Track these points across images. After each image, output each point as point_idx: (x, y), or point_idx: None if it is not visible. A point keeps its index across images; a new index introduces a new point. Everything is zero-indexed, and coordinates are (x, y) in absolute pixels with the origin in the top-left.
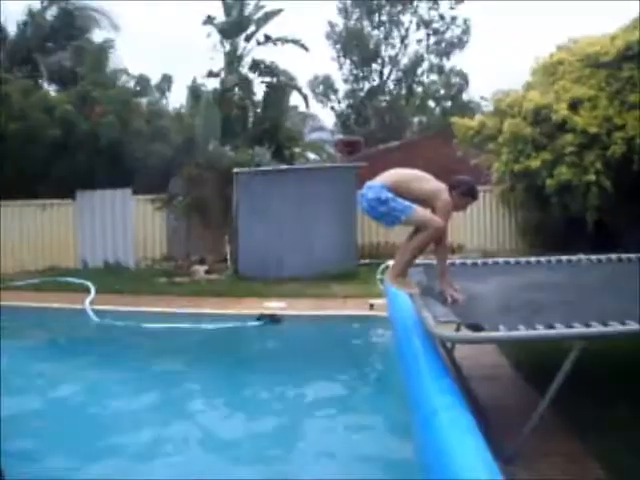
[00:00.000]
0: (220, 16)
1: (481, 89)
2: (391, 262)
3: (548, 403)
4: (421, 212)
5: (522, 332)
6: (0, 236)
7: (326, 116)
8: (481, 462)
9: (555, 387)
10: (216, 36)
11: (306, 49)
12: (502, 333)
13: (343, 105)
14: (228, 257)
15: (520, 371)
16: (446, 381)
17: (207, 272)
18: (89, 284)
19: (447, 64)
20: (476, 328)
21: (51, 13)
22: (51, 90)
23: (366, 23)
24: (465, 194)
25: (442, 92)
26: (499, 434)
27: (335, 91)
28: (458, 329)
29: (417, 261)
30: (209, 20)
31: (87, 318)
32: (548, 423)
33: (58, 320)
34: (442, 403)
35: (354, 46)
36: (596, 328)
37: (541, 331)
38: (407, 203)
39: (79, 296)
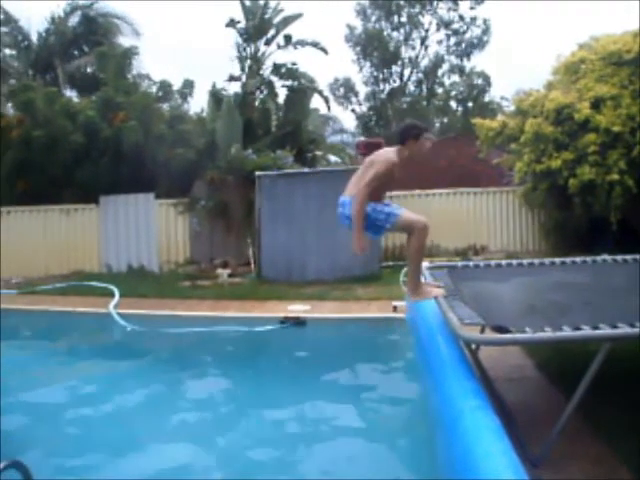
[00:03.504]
0: (241, 20)
1: (502, 89)
2: None
3: (575, 406)
4: (403, 216)
5: (548, 334)
6: (26, 241)
7: (347, 118)
8: (508, 465)
9: (582, 389)
10: (237, 40)
11: (326, 52)
12: (528, 335)
13: (364, 107)
14: (251, 260)
15: (545, 372)
16: (472, 383)
17: (230, 275)
18: (113, 288)
19: (467, 65)
20: (502, 330)
21: (74, 20)
22: (73, 96)
23: (385, 25)
24: (417, 136)
25: (463, 93)
26: (525, 436)
27: (356, 93)
28: (482, 331)
29: (441, 263)
30: (231, 23)
31: (112, 321)
32: (575, 425)
33: (83, 323)
34: (468, 405)
35: (374, 48)
36: (623, 329)
37: (568, 333)
38: (388, 210)
39: (104, 300)
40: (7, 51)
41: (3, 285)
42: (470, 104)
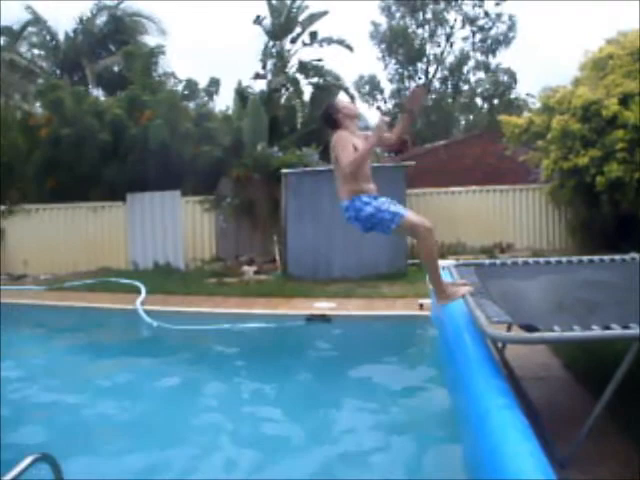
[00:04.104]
0: (267, 18)
1: (528, 86)
2: (441, 262)
3: (603, 405)
4: (409, 218)
5: (577, 333)
6: (54, 238)
7: (372, 116)
8: (536, 465)
9: (611, 389)
10: (263, 38)
11: (351, 49)
12: (557, 334)
13: (389, 104)
14: (277, 257)
15: (572, 372)
16: (499, 381)
17: (256, 273)
18: (140, 285)
19: (493, 61)
20: (530, 329)
21: (101, 20)
22: (100, 95)
23: (410, 22)
24: (343, 116)
25: (489, 90)
26: (552, 436)
27: (381, 91)
28: (509, 329)
29: (468, 261)
30: (258, 20)
31: (138, 318)
32: (603, 426)
33: (110, 320)
34: (495, 403)
35: (399, 45)
36: None
37: (597, 332)
38: (393, 209)
39: (130, 297)
40: (35, 51)
41: (32, 281)
42: (496, 101)
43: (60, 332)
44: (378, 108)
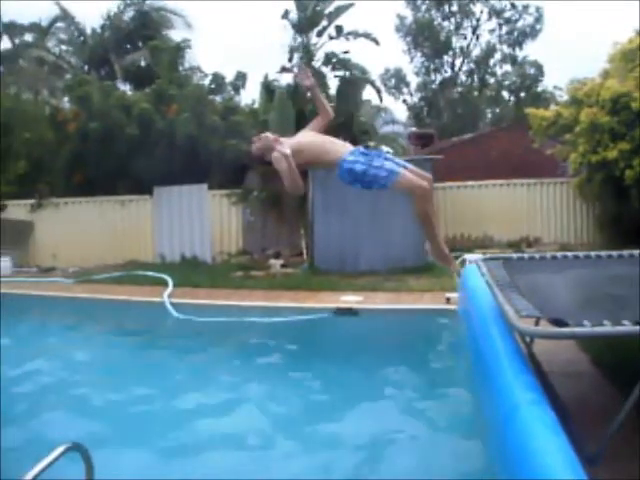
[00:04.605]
0: (292, 11)
1: (555, 79)
2: (467, 255)
3: (633, 403)
4: (405, 176)
5: (608, 328)
6: (82, 231)
7: (398, 109)
8: (565, 462)
9: None
10: (290, 31)
11: (377, 42)
12: (587, 329)
13: (415, 98)
14: (304, 251)
15: (600, 367)
16: (527, 376)
17: (283, 266)
18: (167, 278)
19: (520, 54)
20: (559, 323)
21: (128, 15)
22: (126, 89)
23: (436, 14)
24: (268, 149)
25: (516, 83)
26: (581, 433)
27: (407, 84)
28: (537, 323)
29: (496, 255)
30: (286, 14)
31: (165, 310)
32: (632, 423)
33: (138, 312)
34: (523, 399)
35: (425, 38)
36: None
37: (628, 327)
38: (388, 166)
39: (157, 289)
40: (63, 47)
41: (60, 274)
42: (522, 94)
43: (88, 324)
44: (404, 101)
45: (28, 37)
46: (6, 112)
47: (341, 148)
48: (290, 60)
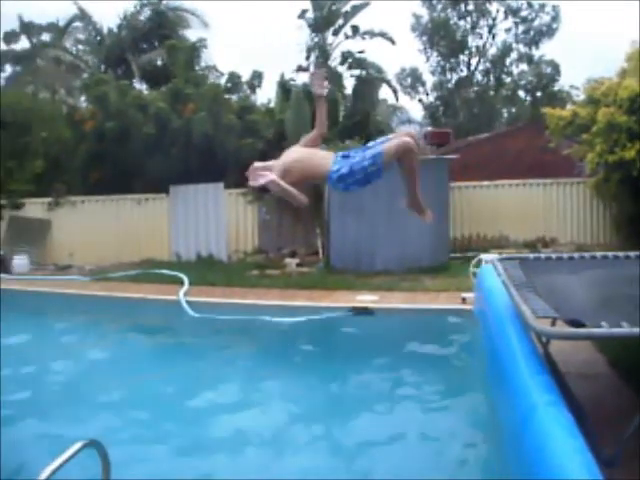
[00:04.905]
0: (309, 11)
1: (572, 78)
2: (483, 255)
3: None
4: (388, 148)
5: (626, 329)
6: (98, 229)
7: (414, 108)
8: (582, 464)
9: None
10: (306, 31)
11: (393, 42)
12: (605, 330)
13: (431, 97)
14: (320, 250)
15: (617, 369)
16: (544, 377)
17: (298, 265)
18: (183, 276)
19: (536, 53)
20: (576, 324)
21: (144, 15)
22: (143, 88)
23: (452, 13)
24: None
25: (532, 82)
26: (598, 435)
27: (423, 83)
28: (553, 324)
29: (512, 255)
30: (303, 14)
31: (180, 309)
32: None
33: (154, 310)
34: (541, 400)
35: (440, 37)
36: None
37: None
38: (370, 153)
39: (173, 288)
40: (80, 47)
41: (77, 272)
42: (539, 93)
43: (105, 322)
44: (420, 101)
45: (45, 37)
46: (24, 111)
47: (327, 160)
48: (307, 59)
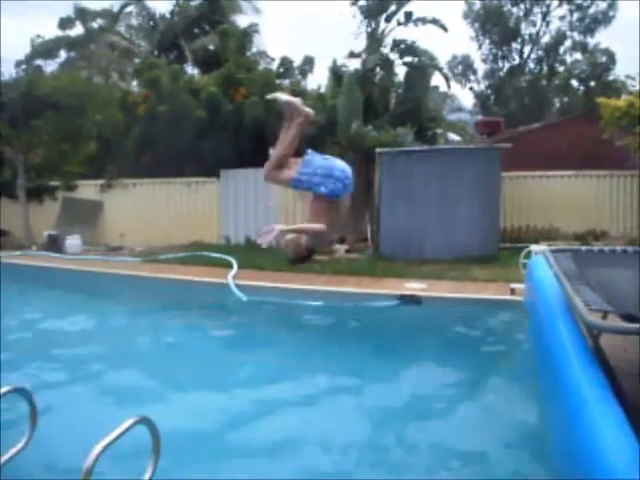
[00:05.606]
0: None
1: (627, 67)
2: (533, 246)
3: None
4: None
5: None
6: (149, 212)
7: (465, 97)
8: (633, 462)
9: None
10: (358, 17)
11: (445, 29)
12: None
13: (482, 85)
14: (369, 237)
15: None
16: (595, 371)
17: (347, 251)
18: (232, 259)
19: (591, 41)
20: (630, 318)
21: (197, 0)
22: (195, 73)
23: (505, 0)
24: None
25: (586, 71)
26: None
27: (474, 71)
28: (605, 318)
29: (564, 247)
30: (356, 1)
31: (229, 291)
32: None
33: (203, 292)
34: (592, 395)
35: (493, 24)
36: None
37: None
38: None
39: (221, 271)
40: (133, 32)
41: (128, 253)
42: (592, 83)
43: (155, 303)
44: (471, 89)
45: (96, 24)
46: (78, 95)
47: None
48: (370, 46)
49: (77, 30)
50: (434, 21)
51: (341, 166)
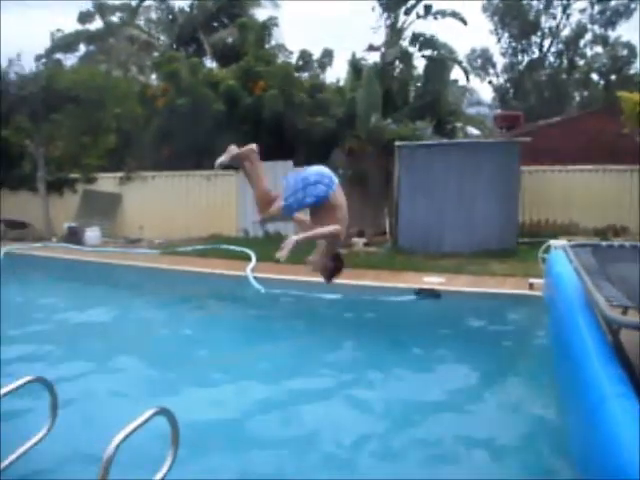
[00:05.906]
0: None
1: None
2: (553, 241)
3: None
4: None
5: None
6: (168, 204)
7: (484, 90)
8: None
9: None
10: (377, 10)
11: (465, 22)
12: None
13: (501, 79)
14: (387, 230)
15: None
16: (614, 367)
17: (366, 245)
18: (250, 252)
19: (612, 35)
20: None
21: None
22: (214, 66)
23: None
24: None
25: (606, 65)
26: None
27: (493, 65)
28: (624, 313)
29: (584, 242)
30: None
31: (248, 284)
32: None
33: (221, 285)
34: (612, 391)
35: (512, 17)
36: None
37: None
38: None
39: (239, 263)
40: (152, 25)
41: (147, 245)
42: (613, 77)
43: (174, 295)
44: (490, 82)
45: (115, 17)
46: (97, 88)
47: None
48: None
49: (96, 24)
50: (453, 14)
51: (314, 170)
